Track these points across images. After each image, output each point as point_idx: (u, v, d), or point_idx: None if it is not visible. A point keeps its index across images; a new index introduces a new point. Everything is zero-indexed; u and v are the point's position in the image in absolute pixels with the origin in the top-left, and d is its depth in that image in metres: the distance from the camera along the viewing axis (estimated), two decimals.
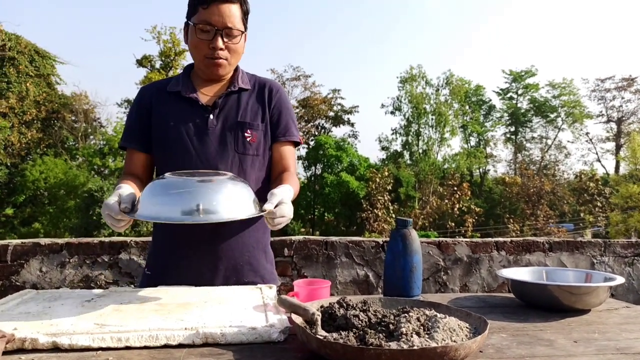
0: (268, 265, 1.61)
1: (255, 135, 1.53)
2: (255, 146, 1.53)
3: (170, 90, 1.55)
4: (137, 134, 1.56)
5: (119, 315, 1.11)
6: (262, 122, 1.55)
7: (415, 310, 1.00)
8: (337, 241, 2.64)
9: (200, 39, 1.46)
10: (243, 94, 1.56)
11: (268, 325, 1.03)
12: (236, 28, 1.46)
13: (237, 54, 1.51)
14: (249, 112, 1.53)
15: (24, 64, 24.20)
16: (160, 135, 1.52)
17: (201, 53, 1.48)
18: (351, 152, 32.20)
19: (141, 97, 1.58)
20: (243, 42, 1.52)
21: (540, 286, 1.30)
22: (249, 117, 1.53)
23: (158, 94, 1.56)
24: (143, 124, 1.55)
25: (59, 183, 24.31)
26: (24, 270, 2.43)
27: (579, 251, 2.71)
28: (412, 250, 1.31)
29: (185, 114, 1.52)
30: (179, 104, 1.53)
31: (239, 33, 1.47)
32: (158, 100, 1.55)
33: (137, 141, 1.55)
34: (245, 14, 1.50)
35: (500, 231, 30.05)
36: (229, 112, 1.52)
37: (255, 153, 1.53)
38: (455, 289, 2.67)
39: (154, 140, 1.54)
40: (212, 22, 1.43)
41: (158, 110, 1.54)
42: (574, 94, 37.83)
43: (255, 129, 1.53)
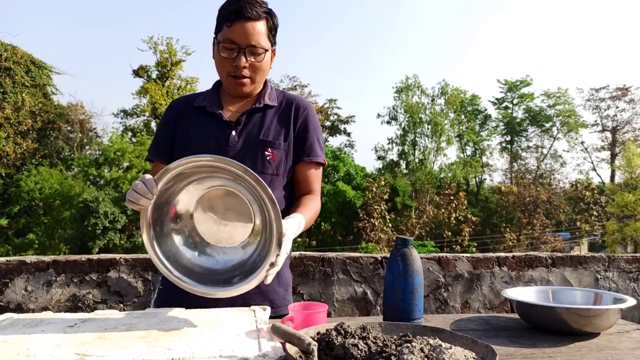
0: (280, 290, 1.54)
1: (277, 154, 1.49)
2: (275, 165, 1.49)
3: (197, 105, 1.54)
4: (163, 147, 1.56)
5: (102, 343, 1.04)
6: (285, 142, 1.51)
7: (419, 339, 0.94)
8: (334, 257, 2.58)
9: (223, 57, 1.44)
10: (268, 111, 1.53)
11: (261, 355, 0.97)
12: (260, 46, 1.43)
13: (261, 72, 1.48)
14: (272, 130, 1.50)
15: (20, 75, 24.20)
16: (182, 149, 1.51)
17: (225, 71, 1.46)
18: (348, 162, 32.20)
19: (169, 111, 1.59)
20: (269, 59, 1.49)
21: (547, 309, 1.24)
22: (271, 135, 1.50)
23: (185, 108, 1.56)
24: (169, 137, 1.55)
25: (54, 193, 24.18)
26: (9, 290, 2.35)
27: (582, 266, 2.65)
28: (413, 271, 1.25)
29: (208, 130, 1.50)
30: (202, 119, 1.52)
31: (263, 51, 1.44)
32: (184, 115, 1.55)
33: (162, 154, 1.55)
34: (271, 30, 1.47)
35: (496, 240, 30.01)
36: (252, 129, 1.49)
37: (274, 172, 1.49)
38: (457, 306, 2.61)
39: (176, 153, 1.53)
40: (235, 40, 1.41)
41: (182, 124, 1.54)
42: (569, 103, 38.05)
43: (276, 148, 1.49)
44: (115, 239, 22.10)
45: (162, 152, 1.55)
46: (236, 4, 1.41)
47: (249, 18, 1.40)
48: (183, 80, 29.45)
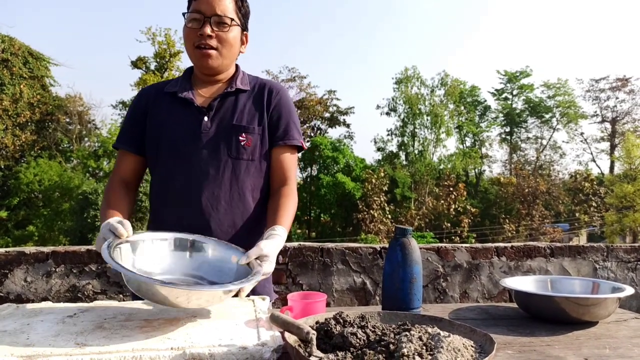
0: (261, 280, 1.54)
1: (251, 139, 1.46)
2: (250, 150, 1.46)
3: (167, 90, 1.51)
4: (131, 136, 1.53)
5: (101, 333, 1.04)
6: (259, 126, 1.48)
7: (417, 328, 0.94)
8: (333, 248, 2.58)
9: (189, 28, 1.43)
10: (241, 95, 1.50)
11: (260, 344, 0.97)
12: (226, 16, 1.42)
13: (228, 44, 1.45)
14: (245, 114, 1.47)
15: (18, 66, 24.05)
16: (153, 136, 1.49)
17: (191, 42, 1.44)
18: (347, 153, 32.16)
19: (139, 99, 1.56)
20: (237, 34, 1.47)
21: (546, 298, 1.25)
22: (245, 120, 1.47)
23: (155, 95, 1.53)
24: (137, 125, 1.52)
25: (54, 185, 24.16)
26: (8, 281, 2.35)
27: (581, 256, 2.65)
28: (412, 260, 1.25)
29: (179, 116, 1.47)
30: (173, 105, 1.49)
31: (229, 21, 1.42)
32: (155, 102, 1.52)
33: (129, 143, 1.52)
34: (240, 9, 1.46)
35: (495, 231, 30.08)
36: (225, 114, 1.47)
37: (250, 158, 1.46)
38: (455, 296, 2.61)
39: (147, 141, 1.51)
40: (200, 9, 1.41)
41: (153, 111, 1.51)
42: (569, 94, 37.95)
43: (250, 133, 1.46)
44: None
45: (129, 141, 1.53)
46: None
47: None
48: (181, 71, 29.29)
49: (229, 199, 1.45)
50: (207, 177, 1.43)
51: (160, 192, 1.50)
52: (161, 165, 1.47)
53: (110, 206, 1.42)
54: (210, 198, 1.43)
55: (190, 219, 1.44)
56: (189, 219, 1.44)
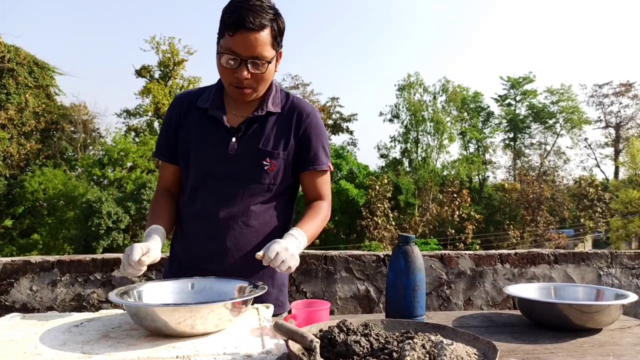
0: (274, 291, 1.55)
1: (275, 164, 1.48)
2: (272, 175, 1.48)
3: (199, 105, 1.52)
4: (167, 145, 1.57)
5: (107, 342, 1.05)
6: (284, 151, 1.49)
7: (420, 336, 0.95)
8: (337, 255, 2.58)
9: (225, 68, 1.40)
10: (270, 118, 1.50)
11: (264, 352, 0.98)
12: (263, 57, 1.37)
13: (264, 81, 1.44)
14: (271, 139, 1.48)
15: (23, 75, 24.24)
16: (183, 151, 1.52)
17: (227, 80, 1.43)
18: (350, 160, 32.16)
19: (173, 108, 1.58)
20: (273, 67, 1.44)
21: (549, 305, 1.25)
22: (271, 145, 1.48)
23: (188, 106, 1.55)
24: (171, 135, 1.55)
25: (58, 194, 24.23)
26: (14, 290, 2.36)
27: (585, 263, 2.65)
28: (415, 268, 1.25)
29: (208, 134, 1.49)
30: (203, 122, 1.50)
31: (266, 62, 1.39)
32: (187, 115, 1.54)
33: (166, 153, 1.57)
34: (276, 37, 1.40)
35: (500, 237, 29.95)
36: (252, 137, 1.48)
37: (271, 182, 1.49)
38: (459, 303, 2.61)
39: (179, 153, 1.54)
40: (236, 51, 1.35)
41: (185, 124, 1.54)
42: (572, 99, 37.87)
43: (275, 158, 1.48)
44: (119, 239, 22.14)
45: (166, 151, 1.57)
46: (239, 12, 1.32)
47: (252, 29, 1.32)
48: (185, 79, 29.47)
49: (246, 219, 1.48)
50: (227, 197, 1.47)
51: (185, 205, 1.54)
52: (189, 180, 1.52)
53: (152, 215, 1.49)
54: (227, 217, 1.46)
55: (207, 235, 1.48)
56: (206, 234, 1.48)
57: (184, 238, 1.54)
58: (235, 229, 1.47)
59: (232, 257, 1.47)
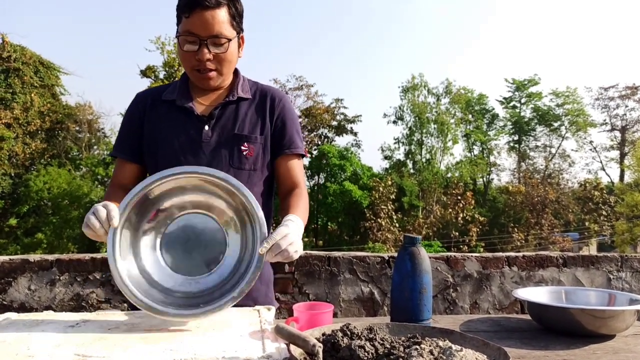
0: (262, 287, 1.51)
1: (253, 148, 1.44)
2: (252, 160, 1.44)
3: (165, 98, 1.46)
4: (129, 143, 1.49)
5: (102, 343, 1.01)
6: (262, 135, 1.45)
7: (427, 341, 0.91)
8: (341, 257, 2.54)
9: (185, 51, 1.36)
10: (242, 103, 1.47)
11: (265, 356, 0.94)
12: (223, 36, 1.34)
13: (228, 62, 1.40)
14: (247, 123, 1.44)
15: (29, 75, 24.35)
16: (151, 146, 1.45)
17: (189, 65, 1.39)
18: (354, 161, 32.13)
19: (135, 105, 1.51)
20: (235, 48, 1.41)
21: (561, 310, 1.20)
22: (246, 129, 1.44)
23: (152, 101, 1.48)
24: (134, 132, 1.48)
25: (63, 193, 24.30)
26: (12, 289, 2.34)
27: (594, 266, 2.59)
28: (422, 270, 1.21)
29: (179, 125, 1.43)
30: (172, 114, 1.44)
31: (226, 41, 1.35)
32: (151, 109, 1.47)
33: (127, 151, 1.49)
34: (235, 17, 1.38)
35: (504, 240, 29.82)
36: (226, 123, 1.43)
37: (252, 167, 1.44)
38: (465, 306, 2.56)
39: (145, 151, 1.47)
40: (195, 31, 1.32)
41: (150, 119, 1.46)
42: (578, 102, 37.70)
43: (252, 142, 1.44)
44: None
45: (127, 149, 1.49)
46: None
47: (207, 7, 1.30)
48: None
49: None
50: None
51: None
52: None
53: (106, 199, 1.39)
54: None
55: None
56: None
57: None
58: None
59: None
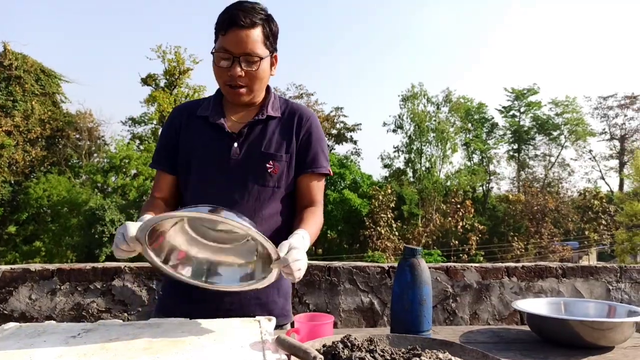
0: (280, 300, 1.52)
1: (278, 166, 1.48)
2: (276, 178, 1.48)
3: (199, 114, 1.53)
4: (165, 155, 1.55)
5: (104, 354, 1.02)
6: (287, 154, 1.49)
7: (428, 353, 0.91)
8: (341, 267, 2.54)
9: (219, 67, 1.43)
10: (271, 122, 1.51)
11: None
12: (255, 54, 1.40)
13: (259, 80, 1.45)
14: (274, 142, 1.49)
15: (30, 83, 24.44)
16: (184, 159, 1.51)
17: (222, 80, 1.45)
18: (354, 170, 32.17)
19: (172, 118, 1.58)
20: (267, 66, 1.46)
21: (560, 321, 1.21)
22: (273, 148, 1.48)
23: (188, 116, 1.55)
24: (171, 145, 1.54)
25: (62, 201, 24.29)
26: (13, 298, 2.34)
27: (593, 277, 2.60)
28: (422, 281, 1.22)
29: (210, 141, 1.49)
30: (205, 129, 1.50)
31: (258, 59, 1.41)
32: (187, 123, 1.54)
33: (165, 163, 1.55)
34: (268, 37, 1.44)
35: (504, 249, 29.77)
36: (254, 141, 1.48)
37: (275, 185, 1.48)
38: (465, 317, 2.56)
39: (179, 163, 1.53)
40: (229, 48, 1.39)
41: (185, 133, 1.53)
42: (577, 111, 37.82)
43: (278, 160, 1.48)
44: None
45: (165, 161, 1.55)
46: (231, 12, 1.39)
47: (243, 26, 1.37)
48: (191, 88, 29.61)
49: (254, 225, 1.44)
50: (232, 203, 1.43)
51: None
52: (190, 189, 1.50)
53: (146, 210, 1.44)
54: None
55: None
56: None
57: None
58: None
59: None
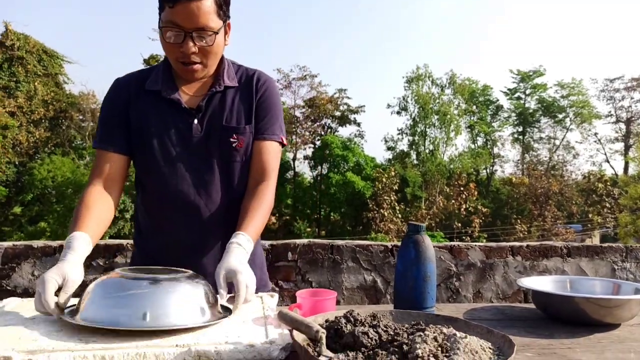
0: (257, 271, 1.49)
1: (243, 139, 1.39)
2: (242, 152, 1.40)
3: (149, 88, 1.39)
4: (114, 134, 1.39)
5: (106, 329, 1.01)
6: (249, 124, 1.40)
7: (432, 328, 0.90)
8: (344, 245, 2.54)
9: (169, 43, 1.28)
10: (228, 91, 1.41)
11: (268, 342, 0.94)
12: (209, 28, 1.27)
13: (214, 54, 1.33)
14: (234, 114, 1.39)
15: (32, 64, 24.32)
16: (141, 140, 1.38)
17: (172, 56, 1.32)
18: (357, 152, 32.06)
19: (117, 93, 1.42)
20: (222, 37, 1.33)
21: (566, 298, 1.20)
22: (234, 120, 1.39)
23: (136, 90, 1.40)
24: (119, 123, 1.39)
25: (66, 182, 24.37)
26: (16, 274, 2.34)
27: (599, 257, 2.58)
28: (426, 258, 1.21)
29: (167, 118, 1.37)
30: (159, 106, 1.38)
31: (212, 33, 1.28)
32: (136, 99, 1.39)
33: (114, 142, 1.39)
34: (221, 5, 1.29)
35: (507, 232, 29.81)
36: (214, 115, 1.38)
37: (242, 159, 1.41)
38: (468, 295, 2.56)
39: (135, 146, 1.40)
40: (179, 23, 1.24)
41: (136, 111, 1.39)
42: (583, 94, 37.44)
43: (241, 133, 1.39)
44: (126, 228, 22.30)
45: (113, 141, 1.39)
46: None
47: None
48: None
49: (227, 203, 1.39)
50: (203, 184, 1.37)
51: (152, 201, 1.43)
52: (152, 172, 1.39)
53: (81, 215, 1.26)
54: (209, 205, 1.38)
55: (188, 227, 1.38)
56: (186, 227, 1.38)
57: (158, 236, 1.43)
58: (217, 216, 1.38)
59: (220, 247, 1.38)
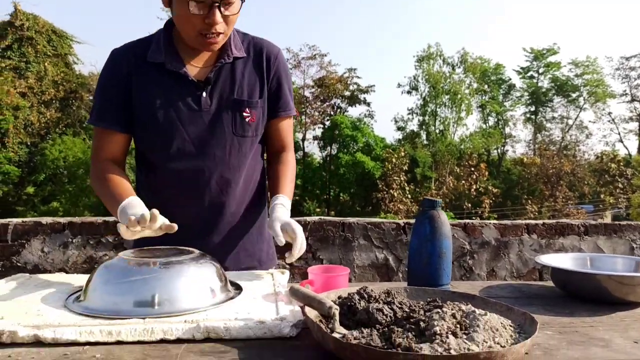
0: (264, 246, 1.48)
1: (255, 114, 1.35)
2: (254, 126, 1.36)
3: (151, 60, 1.30)
4: (115, 111, 1.32)
5: None
6: (261, 98, 1.36)
7: (449, 305, 0.86)
8: (355, 222, 2.50)
9: (192, 15, 1.20)
10: (237, 62, 1.34)
11: (278, 319, 0.91)
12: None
13: (233, 23, 1.27)
14: (245, 87, 1.34)
15: (42, 44, 24.30)
16: (146, 117, 1.31)
17: (194, 29, 1.23)
18: (367, 132, 31.85)
19: (116, 65, 1.33)
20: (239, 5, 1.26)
21: (587, 276, 1.15)
22: (246, 93, 1.34)
23: (137, 63, 1.31)
24: (120, 97, 1.31)
25: (78, 162, 24.57)
26: (25, 251, 2.35)
27: (617, 235, 2.53)
28: (441, 234, 1.17)
29: (174, 92, 1.30)
30: (164, 79, 1.30)
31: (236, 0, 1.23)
32: (138, 72, 1.31)
33: (116, 120, 1.32)
34: None
35: (517, 212, 29.64)
36: (224, 88, 1.32)
37: (254, 134, 1.37)
38: (482, 274, 2.52)
39: (138, 121, 1.32)
40: None
41: (139, 85, 1.31)
42: (597, 72, 36.67)
43: (254, 107, 1.34)
44: None
45: (113, 118, 1.32)
46: None
47: None
48: None
49: (239, 180, 1.37)
50: (216, 161, 1.32)
51: (157, 178, 1.36)
52: (157, 150, 1.33)
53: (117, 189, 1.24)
54: (220, 182, 1.34)
55: (197, 204, 1.34)
56: (196, 204, 1.34)
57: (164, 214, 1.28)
58: (231, 193, 1.36)
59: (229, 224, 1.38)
